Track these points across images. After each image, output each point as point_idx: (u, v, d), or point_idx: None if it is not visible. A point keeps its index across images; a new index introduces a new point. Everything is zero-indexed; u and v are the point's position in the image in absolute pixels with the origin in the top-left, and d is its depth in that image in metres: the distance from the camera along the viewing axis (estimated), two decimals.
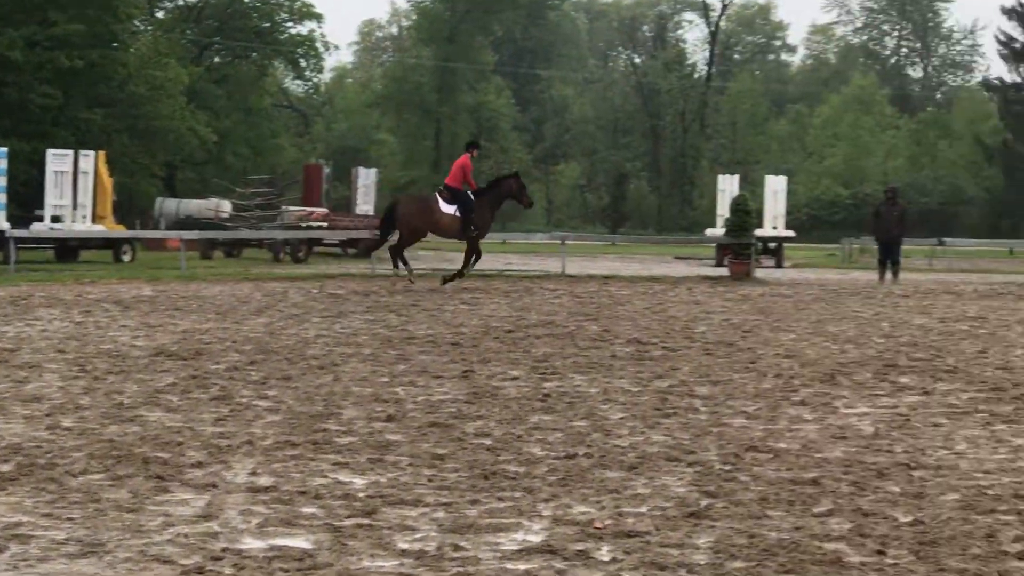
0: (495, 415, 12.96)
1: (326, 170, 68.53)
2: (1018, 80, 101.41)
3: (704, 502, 9.20)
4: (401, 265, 33.79)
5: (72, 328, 21.66)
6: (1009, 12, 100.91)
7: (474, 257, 34.34)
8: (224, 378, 15.45)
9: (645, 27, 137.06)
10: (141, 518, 8.55)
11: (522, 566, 7.61)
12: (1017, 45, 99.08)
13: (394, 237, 34.64)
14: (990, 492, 9.57)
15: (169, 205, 60.14)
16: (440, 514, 8.82)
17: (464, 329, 22.08)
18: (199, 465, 10.26)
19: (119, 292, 30.95)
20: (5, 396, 13.75)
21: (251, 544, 8.00)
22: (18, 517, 8.49)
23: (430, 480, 9.89)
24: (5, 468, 9.98)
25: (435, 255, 51.38)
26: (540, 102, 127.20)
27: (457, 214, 33.40)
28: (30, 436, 11.36)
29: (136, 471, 9.99)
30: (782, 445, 11.44)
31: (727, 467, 10.46)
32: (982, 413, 13.40)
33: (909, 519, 8.71)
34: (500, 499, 9.31)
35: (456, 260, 37.47)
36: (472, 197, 33.64)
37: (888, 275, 38.02)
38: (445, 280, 33.61)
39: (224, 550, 7.81)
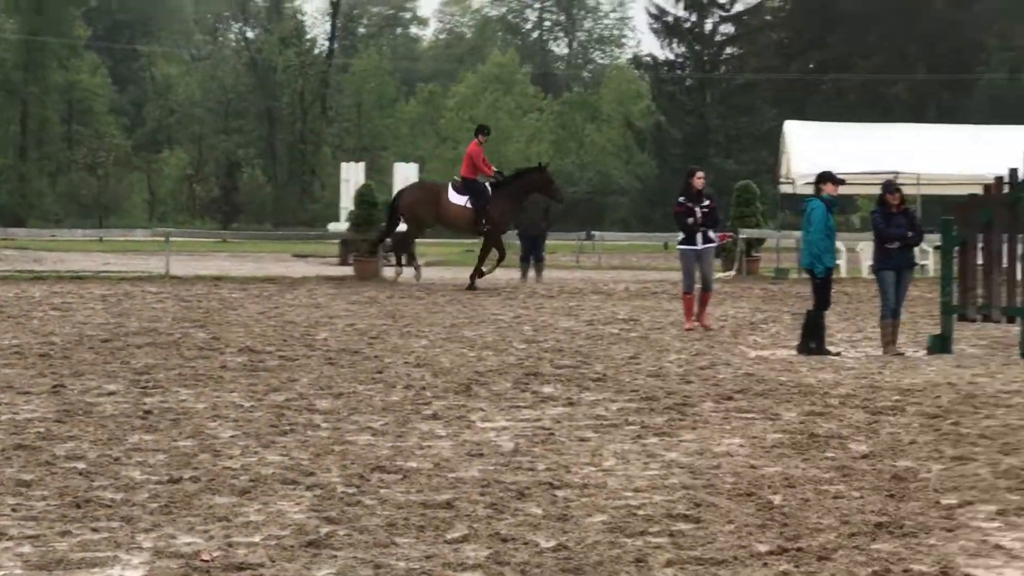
0: (89, 435, 12.80)
1: None
2: (671, 57, 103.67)
3: (325, 529, 9.23)
4: (405, 260, 35.34)
5: None
6: None
7: (496, 256, 34.77)
8: None
9: None
10: None
11: None
12: (669, 19, 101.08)
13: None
14: (640, 512, 9.79)
15: None
16: (26, 548, 8.66)
17: (55, 338, 21.77)
18: None
19: None
20: None
21: None
22: None
23: (14, 510, 9.70)
24: None
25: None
26: (140, 82, 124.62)
27: (468, 205, 33.95)
28: None
29: None
30: (412, 464, 11.56)
31: (351, 490, 10.52)
32: (632, 425, 13.73)
33: (552, 544, 8.83)
34: (95, 530, 9.17)
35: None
36: (489, 188, 34.09)
37: (531, 273, 38.84)
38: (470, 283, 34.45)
39: None
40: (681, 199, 25.33)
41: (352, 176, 55.17)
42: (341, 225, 50.48)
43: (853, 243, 44.22)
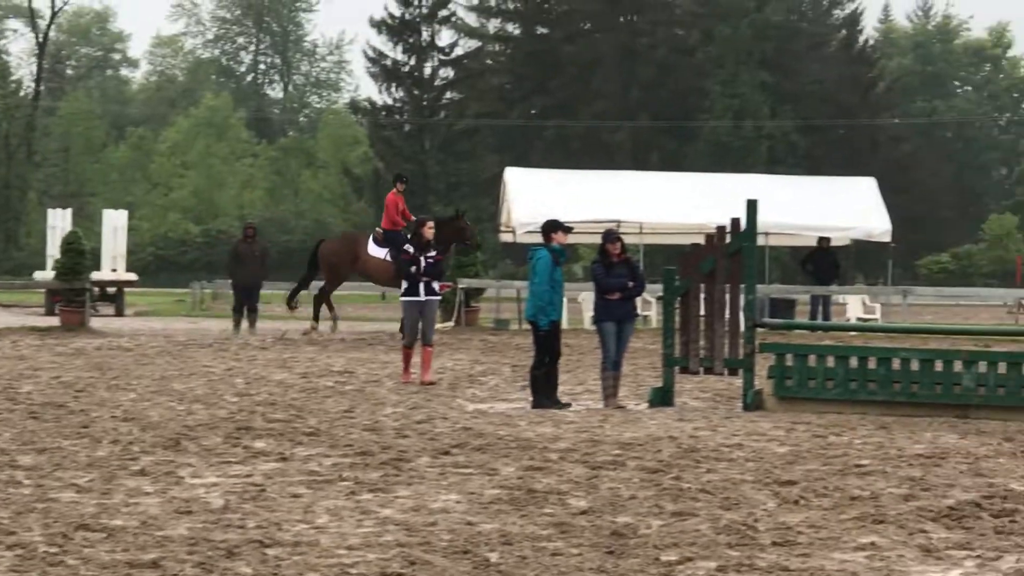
0: None
1: None
2: (389, 102, 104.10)
3: None
4: (324, 313, 35.50)
5: None
6: (378, 25, 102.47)
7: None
8: None
9: None
10: None
11: None
12: (387, 63, 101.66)
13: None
14: (353, 571, 9.80)
15: None
16: None
17: None
18: None
19: None
20: None
21: None
22: None
23: None
24: None
25: None
26: None
27: (388, 258, 33.34)
28: None
29: None
30: (118, 522, 11.42)
31: (53, 549, 10.36)
32: (347, 481, 13.72)
33: None
34: None
35: None
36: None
37: (245, 323, 38.58)
38: None
39: None
40: (408, 248, 25.47)
41: (59, 223, 54.44)
42: (47, 274, 49.56)
43: (575, 293, 44.69)
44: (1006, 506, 12.61)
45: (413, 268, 24.76)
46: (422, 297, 24.99)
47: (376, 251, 35.14)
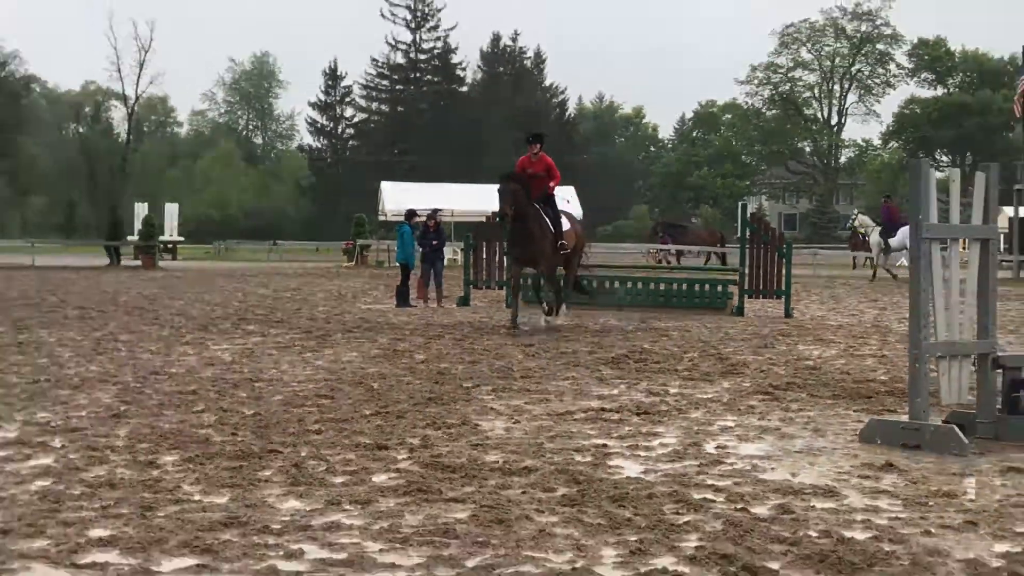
0: None
1: None
2: (318, 146, 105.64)
3: (124, 407, 9.36)
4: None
5: None
6: (313, 105, 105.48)
7: None
8: None
9: None
10: None
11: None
12: (318, 124, 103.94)
13: None
14: (301, 393, 10.16)
15: None
16: None
17: None
18: None
19: None
20: None
21: None
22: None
23: None
24: None
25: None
26: None
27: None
28: None
29: None
30: (173, 370, 11.71)
31: (136, 384, 10.64)
32: (298, 346, 14.09)
33: (251, 412, 9.13)
34: None
35: None
36: None
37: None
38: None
39: None
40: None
41: (140, 211, 55.58)
42: (135, 238, 49.31)
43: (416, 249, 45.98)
44: (642, 357, 13.33)
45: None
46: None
47: None
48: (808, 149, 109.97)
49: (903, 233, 32.28)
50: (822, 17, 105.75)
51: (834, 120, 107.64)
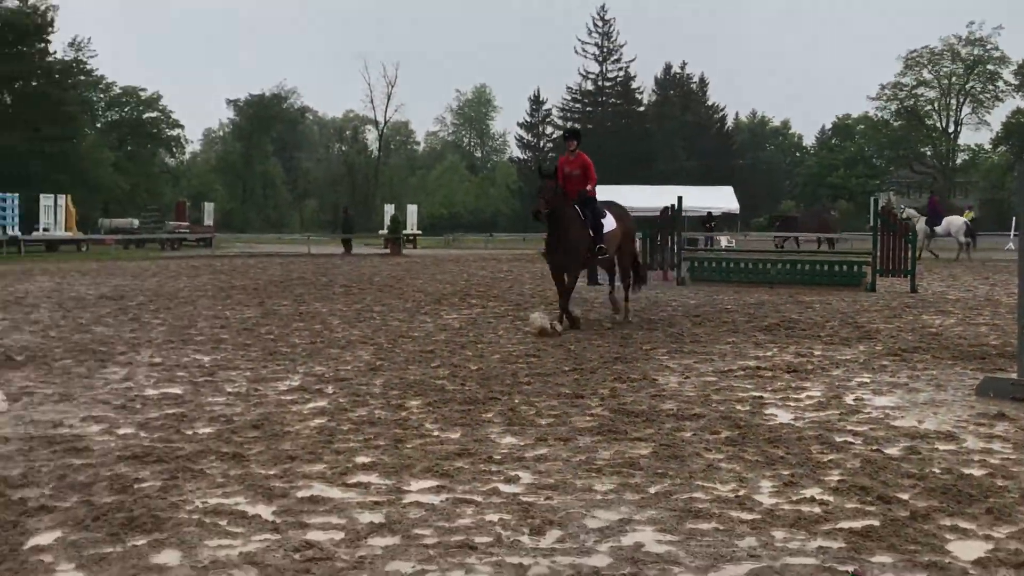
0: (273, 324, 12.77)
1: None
2: (524, 158, 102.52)
3: (379, 362, 9.50)
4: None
5: (54, 284, 20.81)
6: (521, 125, 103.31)
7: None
8: (136, 309, 15.15)
9: None
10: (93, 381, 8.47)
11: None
12: (526, 142, 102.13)
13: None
14: (514, 353, 9.95)
15: (106, 221, 58.46)
16: (247, 374, 8.68)
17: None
18: (123, 353, 10.14)
19: (80, 266, 29.61)
20: (17, 320, 13.33)
21: (150, 392, 8.03)
22: (26, 383, 8.34)
23: (244, 357, 9.89)
24: (19, 358, 9.77)
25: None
26: None
27: None
28: (30, 341, 11.11)
29: (88, 357, 9.92)
30: (416, 334, 11.80)
31: (388, 346, 10.76)
32: (510, 316, 14.01)
33: (476, 367, 9.01)
34: (279, 365, 9.30)
35: None
36: None
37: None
38: None
39: (135, 396, 7.83)
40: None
41: (388, 210, 55.90)
42: (384, 231, 50.20)
43: None
44: (791, 325, 12.85)
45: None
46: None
47: None
48: (929, 153, 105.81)
49: (946, 222, 33.24)
50: (941, 43, 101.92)
51: (951, 129, 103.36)
